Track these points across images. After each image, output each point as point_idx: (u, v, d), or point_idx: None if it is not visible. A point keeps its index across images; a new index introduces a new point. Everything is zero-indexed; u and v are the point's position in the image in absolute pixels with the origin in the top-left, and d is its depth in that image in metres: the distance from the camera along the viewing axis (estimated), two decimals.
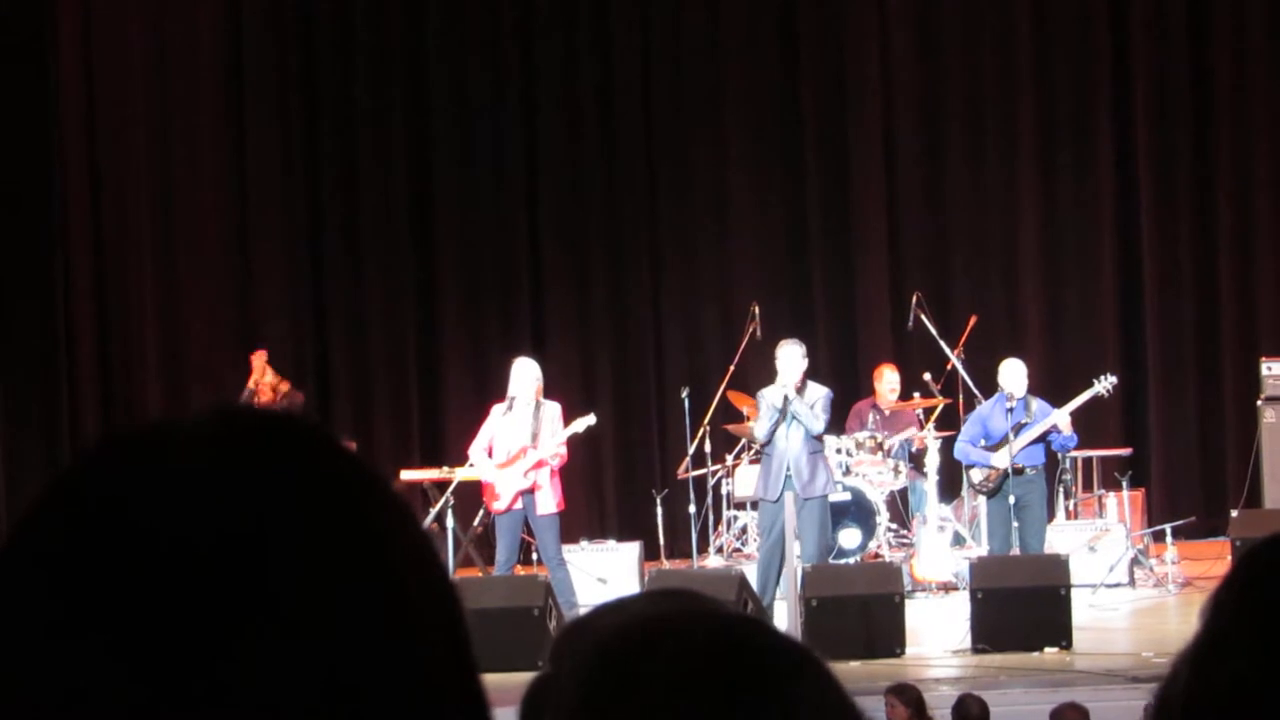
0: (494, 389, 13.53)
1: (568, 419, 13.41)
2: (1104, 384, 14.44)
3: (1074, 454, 15.14)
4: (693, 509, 14.93)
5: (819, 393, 13.25)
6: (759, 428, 13.39)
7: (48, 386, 17.46)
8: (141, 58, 18.02)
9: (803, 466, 13.03)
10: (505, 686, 2.05)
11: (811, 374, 13.51)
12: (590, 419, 13.56)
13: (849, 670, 11.45)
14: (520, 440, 13.16)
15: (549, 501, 13.10)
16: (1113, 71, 18.16)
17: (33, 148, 17.53)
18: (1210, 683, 1.41)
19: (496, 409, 13.39)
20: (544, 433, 13.19)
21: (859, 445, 15.02)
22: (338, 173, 18.40)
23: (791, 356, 13.25)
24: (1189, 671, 1.43)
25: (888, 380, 15.89)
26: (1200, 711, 1.41)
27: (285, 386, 15.99)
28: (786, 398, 13.05)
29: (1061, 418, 13.94)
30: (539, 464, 13.12)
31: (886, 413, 15.69)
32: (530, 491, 13.11)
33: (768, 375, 13.59)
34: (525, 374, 13.35)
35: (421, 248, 18.42)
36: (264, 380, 15.98)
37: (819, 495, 13.06)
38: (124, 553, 1.04)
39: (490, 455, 13.28)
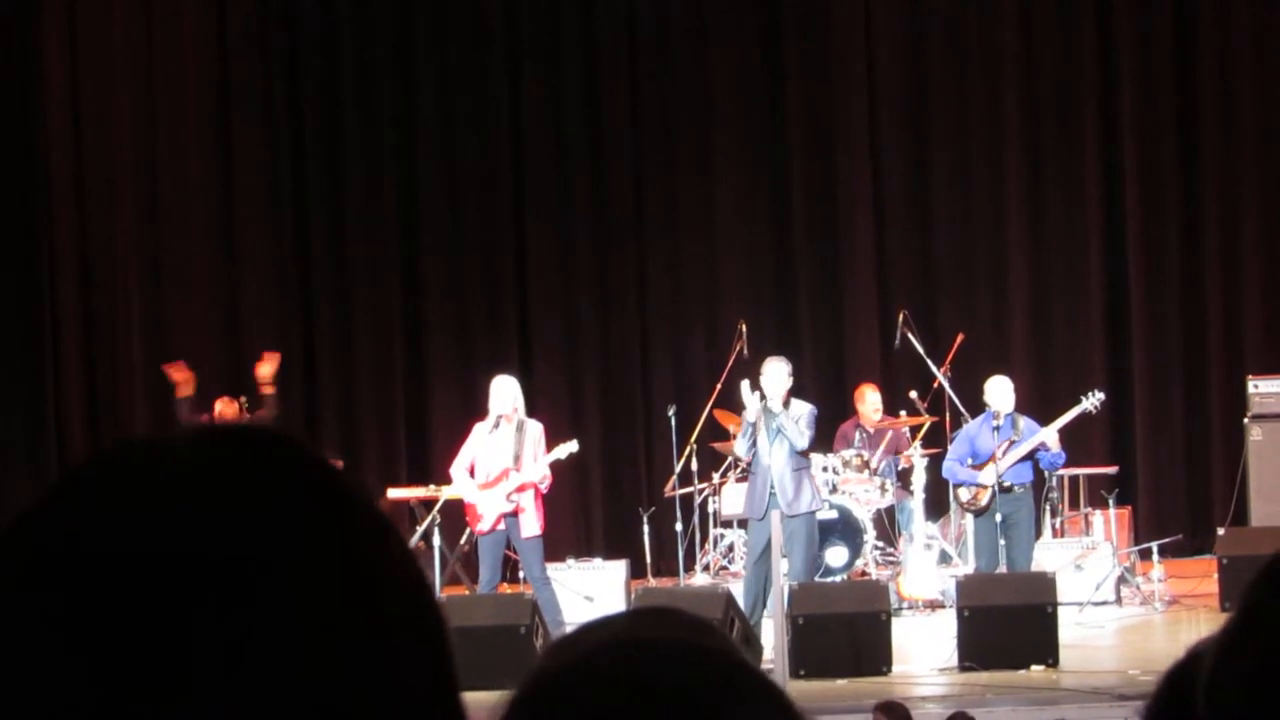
0: (481, 408, 13.50)
1: (553, 437, 13.35)
2: (1091, 401, 14.46)
3: (1060, 472, 15.15)
4: (679, 527, 14.93)
5: (803, 409, 13.24)
6: (738, 445, 13.42)
7: (34, 401, 17.43)
8: (128, 67, 18.00)
9: (787, 484, 13.02)
10: (491, 704, 2.05)
11: (798, 391, 13.52)
12: (573, 445, 13.49)
13: (836, 688, 11.46)
14: (502, 461, 13.07)
15: (532, 524, 13.03)
16: (1099, 90, 18.18)
17: (20, 157, 17.52)
18: (1234, 665, 1.41)
19: (479, 427, 13.30)
20: (526, 454, 13.11)
21: (845, 463, 15.02)
22: (325, 189, 18.39)
23: (778, 373, 13.24)
24: (1215, 654, 1.43)
25: (870, 401, 15.88)
26: (1223, 693, 1.41)
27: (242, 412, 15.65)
28: (772, 411, 13.05)
29: (1049, 435, 13.95)
30: (522, 487, 13.05)
31: (872, 431, 15.69)
32: (513, 514, 13.05)
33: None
34: (505, 392, 13.26)
35: (408, 265, 18.41)
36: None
37: (805, 512, 13.04)
38: (107, 571, 1.03)
39: (472, 474, 13.22)
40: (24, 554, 1.06)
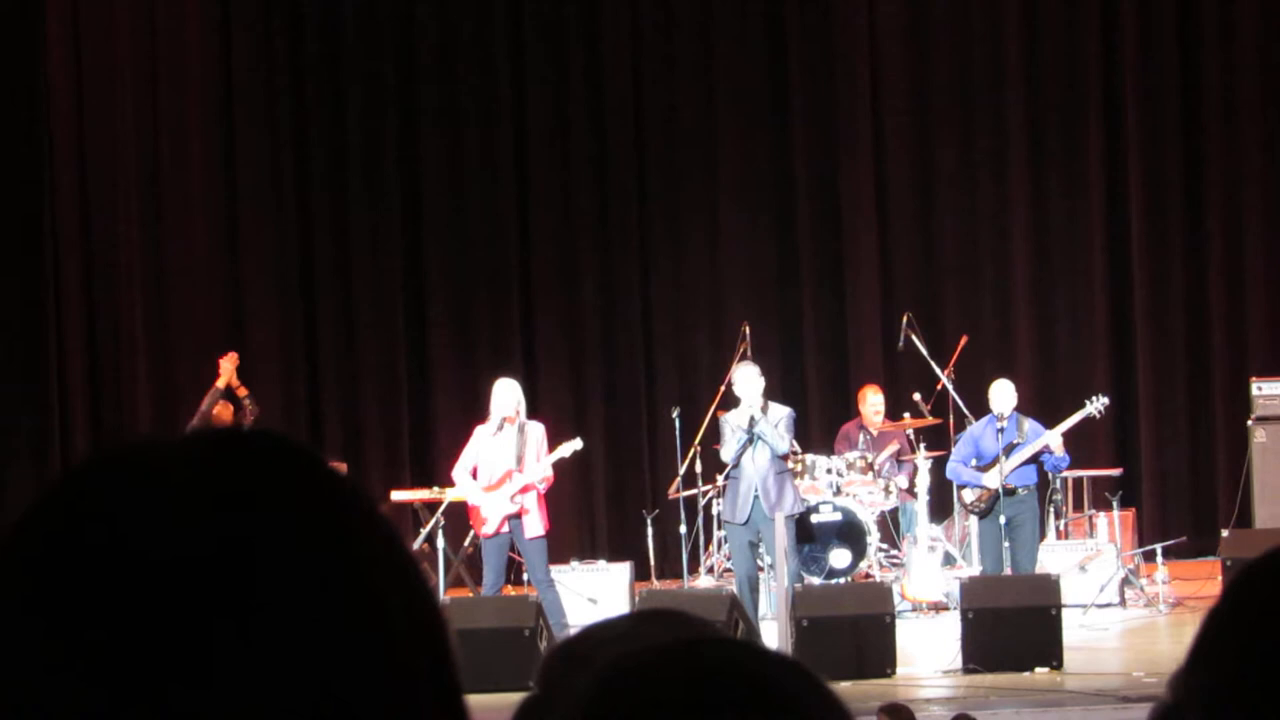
0: (485, 410, 13.50)
1: (557, 440, 13.35)
2: (1096, 405, 14.46)
3: (1065, 474, 15.15)
4: (683, 529, 14.92)
5: (781, 413, 13.26)
6: (726, 451, 13.37)
7: (38, 401, 17.43)
8: (131, 66, 18.01)
9: (770, 487, 13.05)
10: (496, 707, 2.05)
11: (801, 394, 13.55)
12: (577, 443, 13.49)
13: (840, 690, 11.42)
14: (505, 463, 13.06)
15: (536, 525, 13.02)
16: (1103, 94, 18.19)
17: (24, 155, 17.53)
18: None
19: (480, 430, 13.28)
20: (528, 455, 13.10)
21: (850, 466, 15.03)
22: (328, 191, 18.39)
23: (749, 378, 13.27)
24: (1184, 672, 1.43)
25: (871, 402, 15.88)
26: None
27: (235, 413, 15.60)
28: (752, 418, 13.06)
29: (1054, 438, 13.96)
30: (525, 488, 13.04)
31: (875, 433, 15.69)
32: (517, 516, 13.03)
33: None
34: (507, 395, 13.25)
35: (411, 268, 18.41)
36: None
37: (787, 515, 13.06)
38: (107, 570, 1.03)
39: (474, 477, 13.20)
40: (23, 556, 1.06)
